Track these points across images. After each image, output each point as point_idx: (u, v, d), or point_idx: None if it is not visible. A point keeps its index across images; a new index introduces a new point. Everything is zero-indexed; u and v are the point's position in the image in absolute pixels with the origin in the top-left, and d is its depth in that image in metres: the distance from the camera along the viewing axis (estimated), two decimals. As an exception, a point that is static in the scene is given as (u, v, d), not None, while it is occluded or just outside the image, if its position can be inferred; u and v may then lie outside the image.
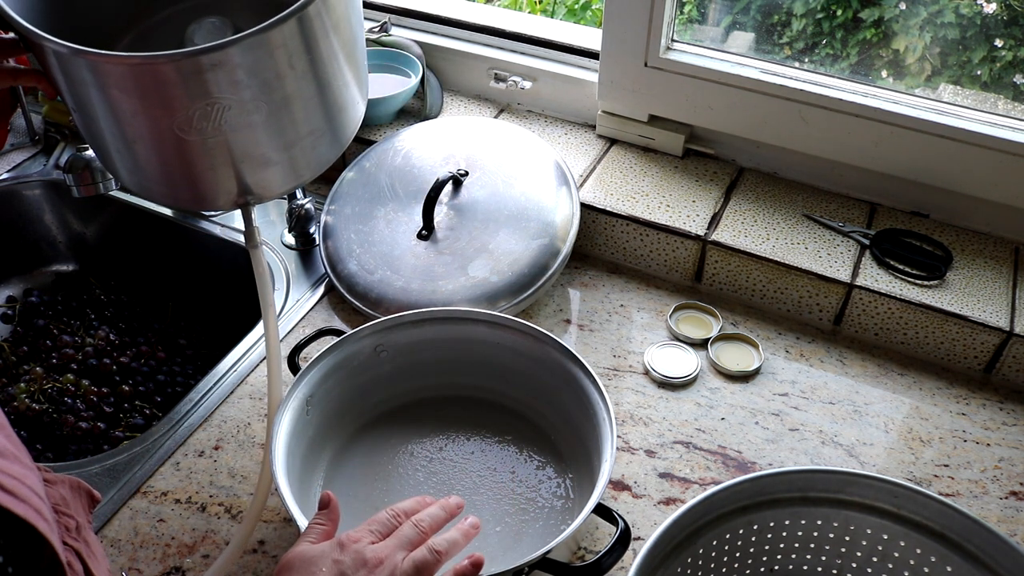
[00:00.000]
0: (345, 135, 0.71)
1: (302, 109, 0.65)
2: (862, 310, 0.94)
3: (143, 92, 0.59)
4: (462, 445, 0.82)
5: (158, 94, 0.59)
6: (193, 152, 0.63)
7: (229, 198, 0.68)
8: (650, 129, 1.09)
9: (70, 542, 0.50)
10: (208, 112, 0.59)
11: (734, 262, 0.98)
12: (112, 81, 0.58)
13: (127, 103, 0.60)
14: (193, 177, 0.66)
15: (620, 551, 0.64)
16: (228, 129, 0.61)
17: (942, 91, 1.06)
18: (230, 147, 0.63)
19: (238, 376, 0.90)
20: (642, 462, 0.82)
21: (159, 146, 0.63)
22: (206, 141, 0.62)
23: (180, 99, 0.59)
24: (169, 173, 0.66)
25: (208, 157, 0.64)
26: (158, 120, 0.60)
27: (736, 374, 0.91)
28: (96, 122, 0.63)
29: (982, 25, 1.03)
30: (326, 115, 0.68)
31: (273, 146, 0.65)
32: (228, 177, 0.66)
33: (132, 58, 0.57)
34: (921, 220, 1.01)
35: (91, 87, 0.59)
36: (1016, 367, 0.90)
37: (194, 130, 0.60)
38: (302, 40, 0.61)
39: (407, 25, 1.24)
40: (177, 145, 0.62)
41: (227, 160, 0.64)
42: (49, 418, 0.99)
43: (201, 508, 0.78)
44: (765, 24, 1.14)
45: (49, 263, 1.22)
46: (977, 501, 0.80)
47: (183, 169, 0.65)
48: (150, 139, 0.63)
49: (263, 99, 0.61)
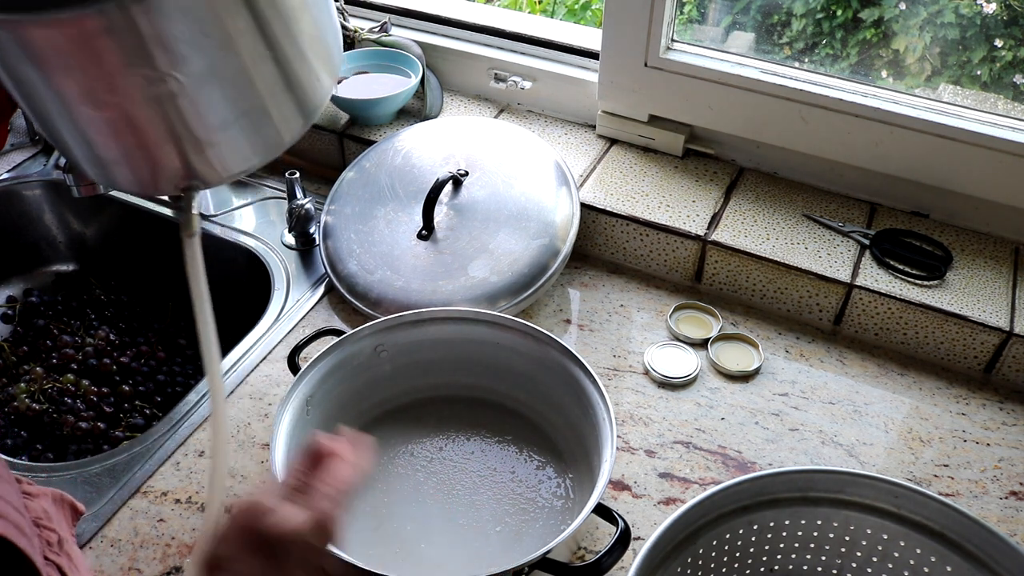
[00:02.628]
0: (300, 116, 0.63)
1: (248, 76, 0.57)
2: (862, 310, 0.94)
3: (65, 60, 0.51)
4: (462, 445, 0.82)
5: (80, 59, 0.51)
6: (121, 126, 0.56)
7: (171, 181, 0.61)
8: (650, 129, 1.09)
9: (52, 556, 0.49)
10: (142, 78, 0.52)
11: (734, 262, 0.98)
12: (30, 48, 0.51)
13: (55, 76, 0.52)
14: (127, 155, 0.59)
15: (620, 551, 0.64)
16: (164, 98, 0.54)
17: (942, 91, 1.06)
18: (168, 120, 0.56)
19: (238, 376, 0.90)
20: (642, 462, 0.82)
21: (82, 120, 0.56)
22: (137, 112, 0.54)
23: (105, 62, 0.51)
24: (102, 150, 0.59)
25: (142, 132, 0.57)
26: (78, 90, 0.53)
27: (736, 374, 0.91)
28: (29, 97, 0.56)
29: (982, 25, 1.03)
30: (275, 87, 0.60)
31: (214, 122, 0.58)
32: (169, 155, 0.58)
33: (46, 18, 0.48)
34: (921, 220, 1.01)
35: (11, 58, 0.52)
36: (1016, 367, 0.90)
37: (120, 99, 0.53)
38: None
39: (407, 25, 1.24)
40: (103, 119, 0.55)
41: (166, 136, 0.57)
42: (49, 418, 0.99)
43: (201, 508, 0.78)
44: (765, 24, 1.14)
45: (49, 263, 1.22)
46: (977, 501, 0.80)
47: (117, 147, 0.58)
48: (73, 112, 0.56)
49: (201, 61, 0.54)
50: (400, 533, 0.75)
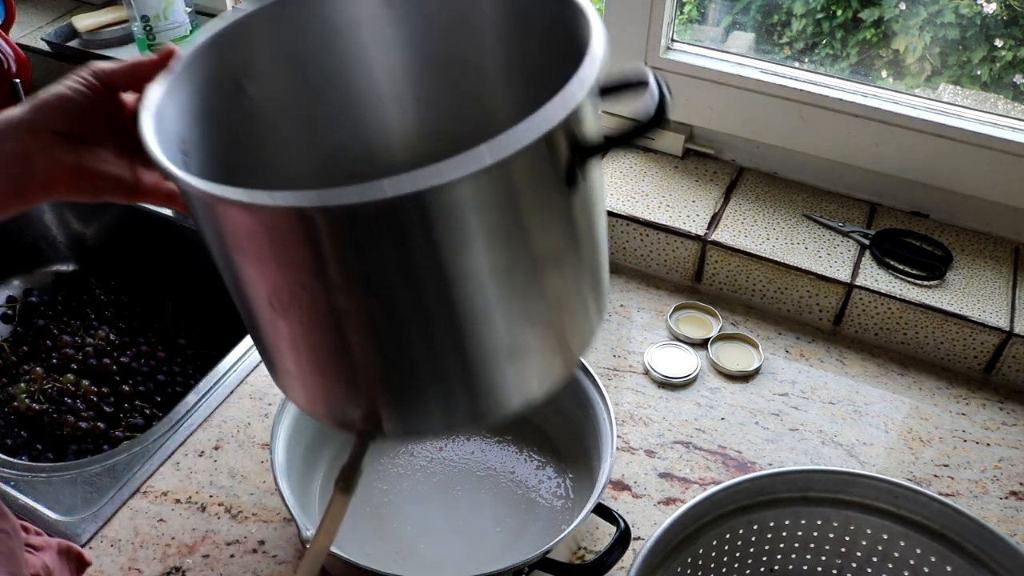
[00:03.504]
0: (558, 364, 0.46)
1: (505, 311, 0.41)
2: (862, 310, 0.94)
3: (272, 250, 0.39)
4: (462, 445, 0.82)
5: (289, 252, 0.39)
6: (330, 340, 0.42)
7: (346, 420, 0.47)
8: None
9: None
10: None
11: (734, 262, 0.98)
12: (243, 231, 0.40)
13: (255, 263, 0.41)
14: (322, 374, 0.45)
15: (620, 551, 0.64)
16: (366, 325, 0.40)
17: (942, 91, 1.06)
18: (344, 342, 0.41)
19: (238, 376, 0.90)
20: (642, 462, 0.82)
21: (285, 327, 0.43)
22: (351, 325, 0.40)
23: (318, 261, 0.38)
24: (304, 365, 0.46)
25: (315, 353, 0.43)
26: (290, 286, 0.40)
27: (736, 374, 0.91)
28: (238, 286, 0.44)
29: (982, 25, 1.03)
30: (542, 331, 0.44)
31: (424, 370, 0.42)
32: (352, 394, 0.45)
33: (265, 202, 0.36)
34: (921, 220, 1.01)
35: (225, 236, 0.41)
36: (1016, 367, 0.90)
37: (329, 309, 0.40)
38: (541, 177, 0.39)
39: (407, 25, 1.24)
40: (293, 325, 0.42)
41: (346, 367, 0.43)
42: (49, 418, 0.99)
43: (201, 508, 0.78)
44: (765, 24, 1.14)
45: (49, 263, 1.22)
46: (977, 501, 0.80)
47: (310, 363, 0.45)
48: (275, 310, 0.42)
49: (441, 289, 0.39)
50: (400, 533, 0.75)
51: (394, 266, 0.38)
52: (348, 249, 0.38)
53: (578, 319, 0.46)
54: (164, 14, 1.19)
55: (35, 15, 1.43)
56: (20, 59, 1.11)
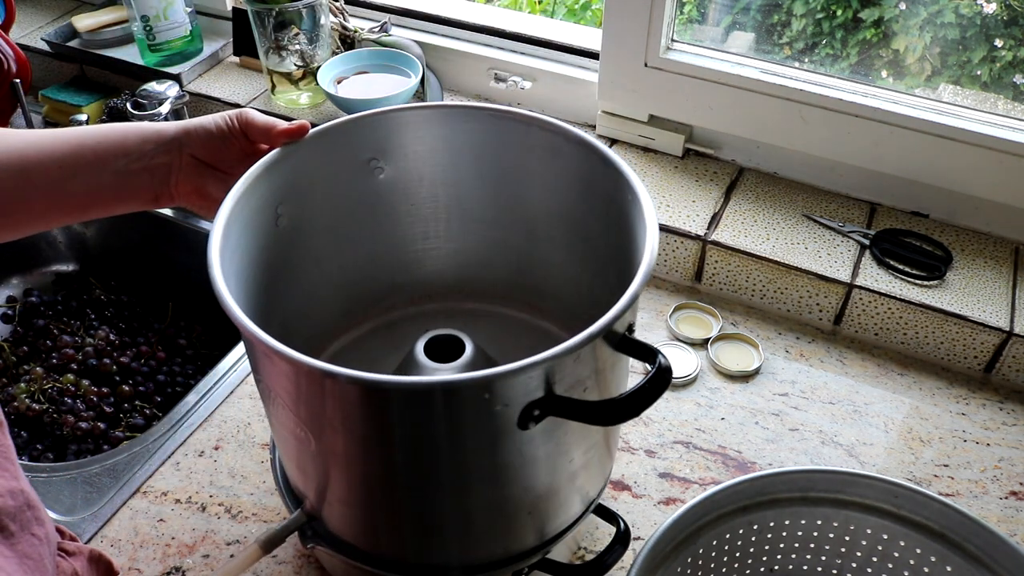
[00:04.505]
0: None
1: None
2: (862, 310, 0.94)
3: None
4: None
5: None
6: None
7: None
8: (650, 129, 1.09)
9: None
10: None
11: (734, 262, 0.98)
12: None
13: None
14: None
15: (620, 551, 0.64)
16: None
17: (942, 91, 1.06)
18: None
19: (238, 376, 0.90)
20: (642, 462, 0.82)
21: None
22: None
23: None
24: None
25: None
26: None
27: (736, 374, 0.91)
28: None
29: (982, 25, 1.03)
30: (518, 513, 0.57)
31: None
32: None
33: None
34: (921, 220, 1.01)
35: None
36: (1016, 367, 0.90)
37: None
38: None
39: (407, 25, 1.24)
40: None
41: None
42: (49, 418, 0.99)
43: (201, 508, 0.78)
44: (765, 24, 1.14)
45: (49, 263, 1.22)
46: (977, 501, 0.80)
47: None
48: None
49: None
50: (400, 533, 0.75)
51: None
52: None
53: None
54: (164, 14, 1.19)
55: (35, 15, 1.43)
56: (20, 59, 1.11)
